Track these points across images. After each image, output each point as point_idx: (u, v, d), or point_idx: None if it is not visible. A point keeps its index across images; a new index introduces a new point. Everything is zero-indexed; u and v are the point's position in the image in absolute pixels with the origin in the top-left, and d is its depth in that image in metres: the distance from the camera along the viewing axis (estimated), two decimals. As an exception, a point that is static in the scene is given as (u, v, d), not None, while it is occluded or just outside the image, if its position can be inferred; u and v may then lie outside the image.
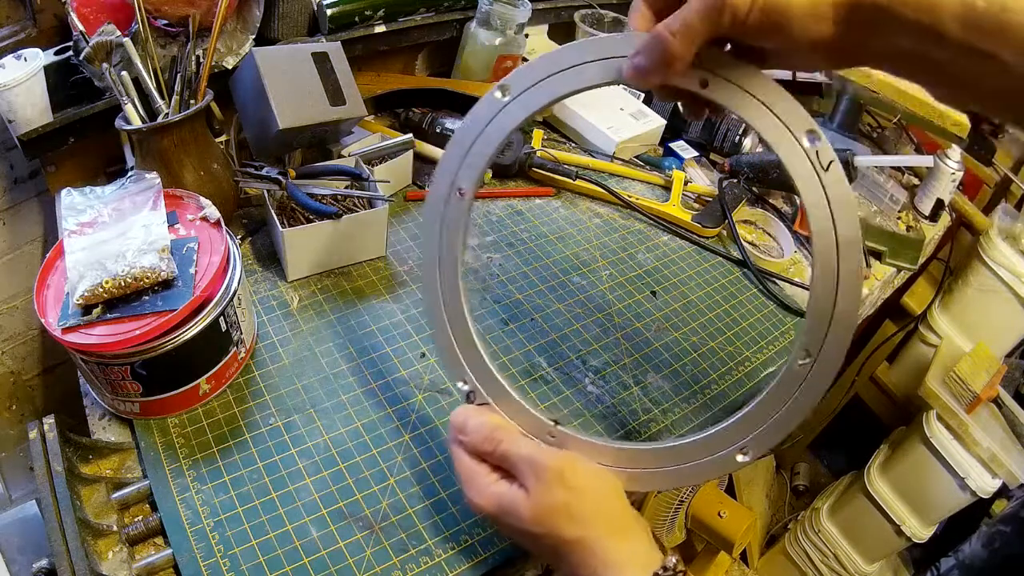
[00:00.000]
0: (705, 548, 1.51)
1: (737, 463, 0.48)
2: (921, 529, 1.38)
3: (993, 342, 1.37)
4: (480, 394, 0.53)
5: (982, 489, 1.25)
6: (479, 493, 0.49)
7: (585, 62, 0.45)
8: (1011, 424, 1.30)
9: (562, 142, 1.07)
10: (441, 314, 0.53)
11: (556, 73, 0.46)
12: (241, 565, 0.53)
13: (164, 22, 0.77)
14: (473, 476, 0.50)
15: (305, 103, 0.77)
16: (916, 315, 1.47)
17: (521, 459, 0.48)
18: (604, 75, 0.45)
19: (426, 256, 0.53)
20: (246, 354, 0.66)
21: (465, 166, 0.49)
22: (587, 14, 1.18)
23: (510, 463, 0.49)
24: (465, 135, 0.49)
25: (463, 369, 0.53)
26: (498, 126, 0.48)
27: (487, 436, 0.50)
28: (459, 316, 0.52)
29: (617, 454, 0.50)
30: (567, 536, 0.45)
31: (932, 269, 1.51)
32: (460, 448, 0.51)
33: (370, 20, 0.96)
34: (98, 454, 0.60)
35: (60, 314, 0.56)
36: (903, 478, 1.40)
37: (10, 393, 0.99)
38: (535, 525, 0.46)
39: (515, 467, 0.48)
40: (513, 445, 0.49)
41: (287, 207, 0.78)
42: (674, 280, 0.86)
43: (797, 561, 1.60)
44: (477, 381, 0.53)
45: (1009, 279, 1.29)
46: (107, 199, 0.63)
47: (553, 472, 0.46)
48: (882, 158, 1.05)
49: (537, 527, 0.46)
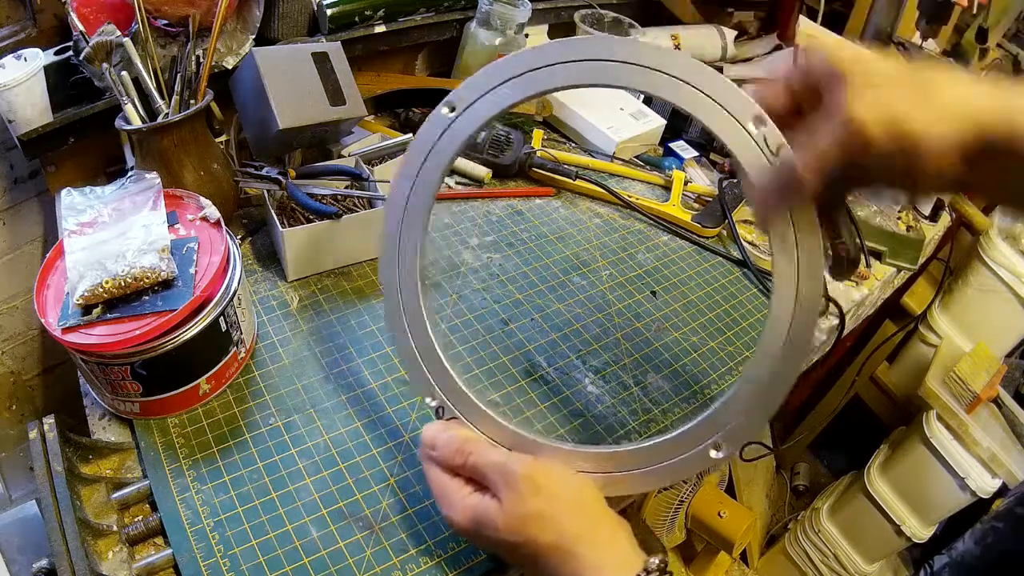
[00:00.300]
0: (705, 548, 1.51)
1: (711, 459, 0.48)
2: (921, 529, 1.38)
3: (993, 342, 1.37)
4: (448, 409, 0.53)
5: (982, 489, 1.25)
6: (452, 507, 0.49)
7: (533, 69, 0.46)
8: (1011, 424, 1.30)
9: (562, 142, 1.07)
10: (404, 328, 0.53)
11: (505, 82, 0.47)
12: (241, 565, 0.53)
13: (164, 22, 0.77)
14: (446, 491, 0.50)
15: (305, 103, 0.77)
16: (916, 315, 1.47)
17: (491, 468, 0.48)
18: (562, 79, 0.46)
19: (383, 273, 0.53)
20: (246, 354, 0.66)
21: (418, 185, 0.51)
22: (587, 14, 1.17)
23: (481, 474, 0.48)
24: (415, 156, 0.50)
25: (430, 384, 0.53)
26: (446, 144, 0.50)
27: (457, 449, 0.50)
28: (422, 330, 0.52)
29: (593, 458, 0.50)
30: (543, 542, 0.45)
31: (932, 269, 1.51)
32: (432, 464, 0.51)
33: (370, 20, 0.96)
34: (98, 454, 0.60)
35: (60, 314, 0.56)
36: (903, 478, 1.40)
37: (10, 393, 0.99)
38: (510, 534, 0.46)
39: (486, 477, 0.48)
40: (483, 456, 0.49)
41: (287, 207, 0.78)
42: (674, 280, 0.86)
43: (797, 561, 1.60)
44: (445, 396, 0.53)
45: (1009, 279, 1.29)
46: (107, 199, 0.63)
47: (524, 479, 0.46)
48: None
49: (513, 536, 0.46)
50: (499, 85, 0.47)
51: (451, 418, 0.53)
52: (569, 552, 0.45)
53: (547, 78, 0.46)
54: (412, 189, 0.51)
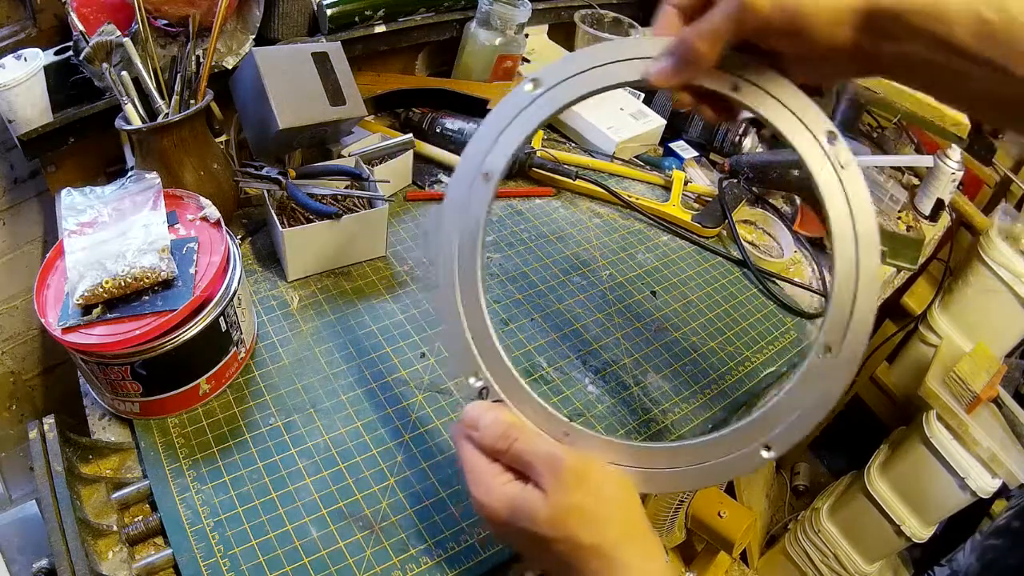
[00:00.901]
0: (705, 548, 1.51)
1: (763, 459, 0.47)
2: (921, 529, 1.38)
3: (993, 342, 1.37)
4: (494, 391, 0.50)
5: (982, 489, 1.25)
6: (488, 492, 0.46)
7: (614, 61, 0.47)
8: (1011, 424, 1.30)
9: (562, 142, 1.07)
10: (456, 304, 0.50)
11: (585, 71, 0.48)
12: (241, 565, 0.53)
13: (164, 22, 0.77)
14: (482, 474, 0.46)
15: (305, 103, 0.77)
16: (916, 315, 1.47)
17: (538, 458, 0.45)
18: (630, 75, 0.47)
19: (442, 242, 0.50)
20: (246, 354, 0.66)
21: (493, 153, 0.49)
22: (587, 14, 1.17)
23: (524, 461, 0.46)
24: (494, 124, 0.49)
25: (477, 364, 0.50)
26: (527, 117, 0.49)
27: (502, 434, 0.47)
28: (475, 307, 0.50)
29: (636, 454, 0.48)
30: (584, 541, 0.43)
31: (932, 269, 1.51)
32: (470, 444, 0.48)
33: (370, 20, 0.96)
34: (98, 454, 0.60)
35: (60, 314, 0.56)
36: (903, 478, 1.40)
37: (10, 393, 0.99)
38: (551, 528, 0.43)
39: (530, 466, 0.45)
40: (529, 443, 0.46)
41: (287, 207, 0.78)
42: (674, 280, 0.86)
43: (797, 561, 1.60)
44: (492, 377, 0.50)
45: (1009, 279, 1.29)
46: (107, 199, 0.63)
47: (572, 472, 0.44)
48: (882, 158, 1.05)
49: (552, 530, 0.43)
50: (583, 71, 0.48)
51: (496, 400, 0.50)
52: (609, 555, 0.42)
53: (627, 72, 0.47)
54: (485, 158, 0.49)
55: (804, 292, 0.90)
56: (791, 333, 0.83)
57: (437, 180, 0.94)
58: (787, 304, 0.86)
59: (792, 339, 0.82)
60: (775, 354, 0.80)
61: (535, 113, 0.49)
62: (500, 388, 0.50)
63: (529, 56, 1.13)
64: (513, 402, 0.50)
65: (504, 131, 0.49)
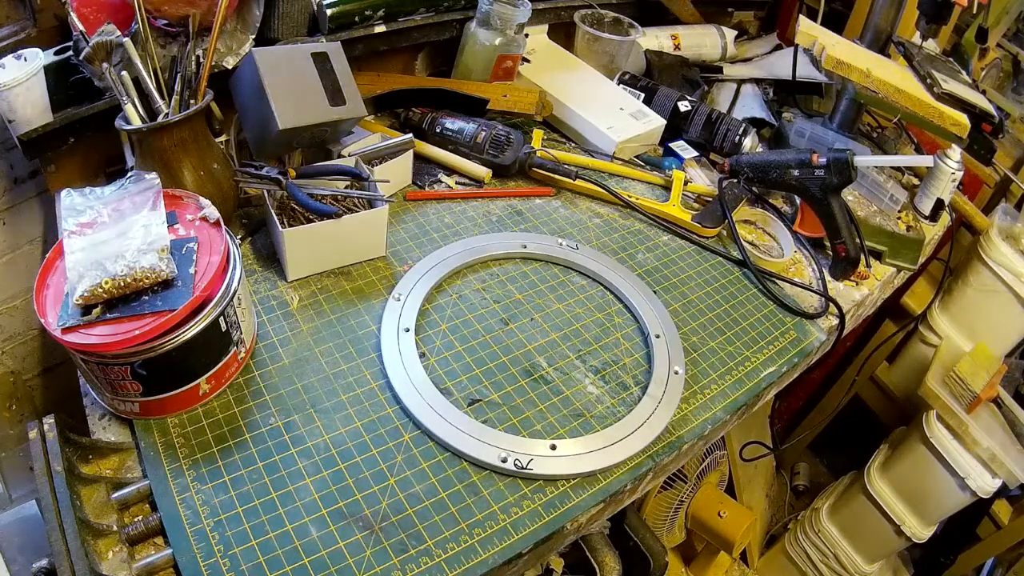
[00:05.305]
0: (705, 548, 1.51)
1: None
2: (921, 529, 1.38)
3: (993, 342, 1.37)
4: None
5: (982, 489, 1.25)
6: None
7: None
8: (1011, 424, 1.30)
9: (562, 142, 1.07)
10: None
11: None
12: (241, 565, 0.53)
13: (164, 22, 0.77)
14: None
15: (305, 103, 0.77)
16: (916, 315, 1.47)
17: None
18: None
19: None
20: (246, 354, 0.66)
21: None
22: (587, 14, 1.17)
23: None
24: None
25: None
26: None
27: None
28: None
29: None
30: None
31: (932, 269, 1.51)
32: None
33: (370, 20, 0.96)
34: (98, 454, 0.60)
35: (60, 314, 0.56)
36: (903, 478, 1.40)
37: (10, 393, 0.99)
38: None
39: None
40: None
41: (287, 207, 0.78)
42: (674, 280, 0.86)
43: (797, 561, 1.60)
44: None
45: (1009, 279, 1.29)
46: (107, 199, 0.63)
47: None
48: (882, 158, 1.05)
49: None
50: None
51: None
52: None
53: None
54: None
55: (804, 292, 0.90)
56: (791, 333, 0.83)
57: (437, 180, 0.95)
58: (787, 304, 0.86)
59: (792, 339, 0.82)
60: (775, 354, 0.80)
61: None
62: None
63: (529, 56, 1.13)
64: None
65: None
